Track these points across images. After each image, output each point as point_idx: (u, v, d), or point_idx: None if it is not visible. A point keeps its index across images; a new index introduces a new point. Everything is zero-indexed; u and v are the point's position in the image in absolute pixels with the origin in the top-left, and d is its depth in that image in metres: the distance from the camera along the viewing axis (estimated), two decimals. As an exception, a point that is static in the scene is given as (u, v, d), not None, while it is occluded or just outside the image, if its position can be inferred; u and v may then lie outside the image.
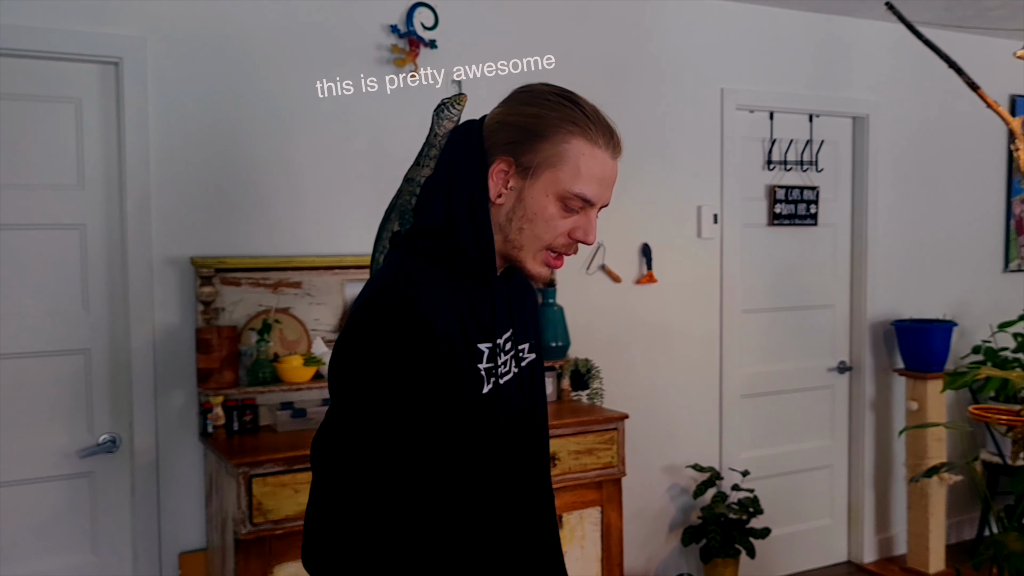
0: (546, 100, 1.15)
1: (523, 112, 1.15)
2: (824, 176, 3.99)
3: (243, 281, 2.76)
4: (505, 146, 1.14)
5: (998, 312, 4.23)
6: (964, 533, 4.38)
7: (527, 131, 1.14)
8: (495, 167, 1.15)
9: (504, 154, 1.14)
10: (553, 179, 1.14)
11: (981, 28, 3.96)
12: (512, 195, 1.15)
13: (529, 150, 1.13)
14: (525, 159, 1.14)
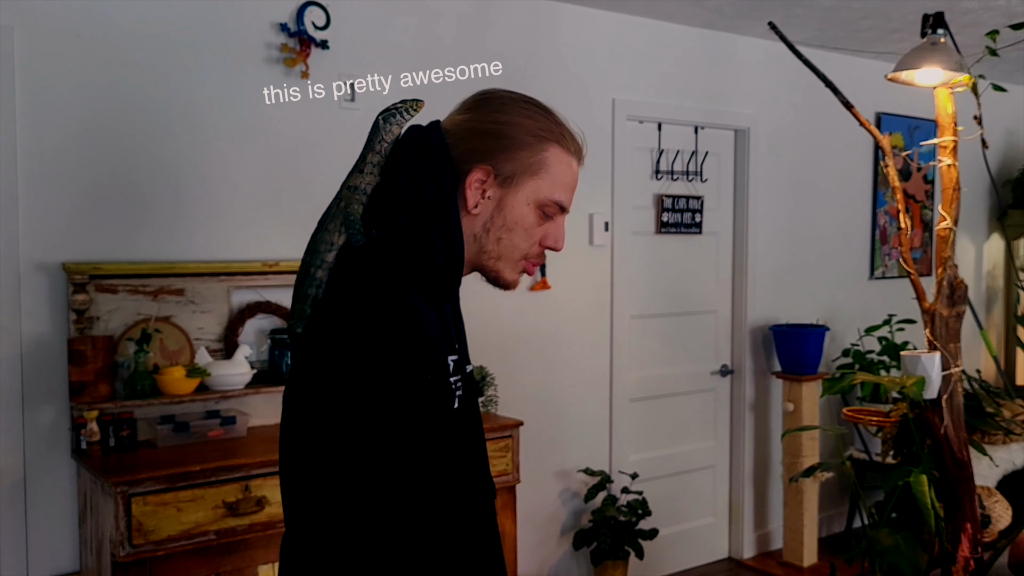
0: (519, 108, 1.14)
1: (497, 120, 1.13)
2: (708, 186, 4.12)
3: (120, 288, 2.61)
4: (481, 154, 1.11)
5: (865, 317, 4.49)
6: (834, 527, 4.62)
7: (505, 139, 1.12)
8: (472, 176, 1.11)
9: (480, 162, 1.11)
10: (534, 188, 1.13)
11: (851, 49, 4.19)
12: (490, 204, 1.12)
13: (508, 159, 1.11)
14: (505, 168, 1.12)
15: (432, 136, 1.12)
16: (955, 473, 2.24)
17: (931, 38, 2.40)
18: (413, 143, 1.13)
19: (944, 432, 2.26)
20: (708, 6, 3.57)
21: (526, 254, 1.16)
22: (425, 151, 1.11)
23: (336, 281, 1.10)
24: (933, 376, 2.26)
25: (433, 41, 3.24)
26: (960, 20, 3.63)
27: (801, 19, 3.72)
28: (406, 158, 1.11)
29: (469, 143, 1.12)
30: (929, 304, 2.41)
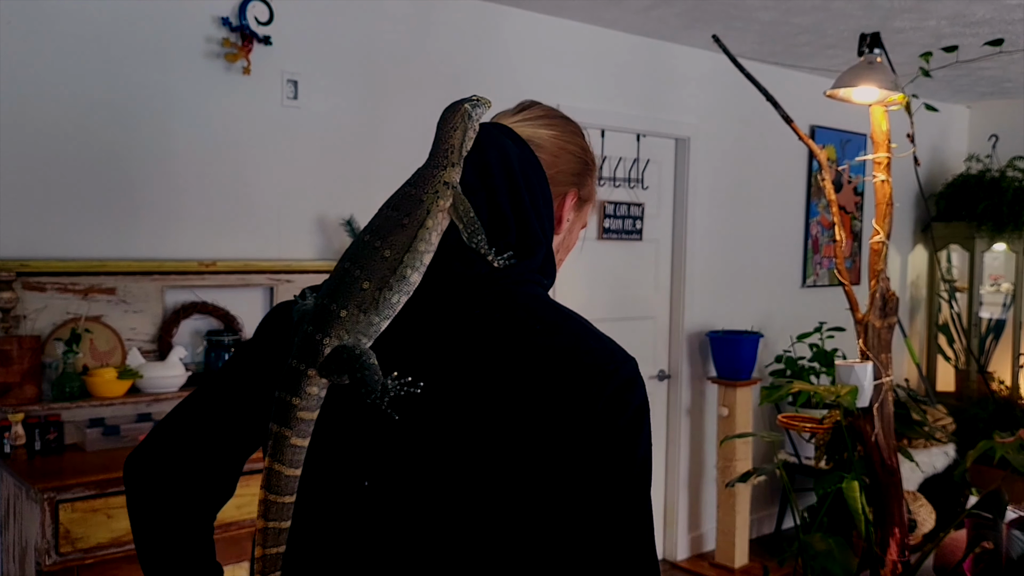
0: (583, 132, 1.14)
1: (581, 145, 1.12)
2: (649, 193, 4.18)
3: (49, 286, 2.51)
4: (574, 177, 1.10)
5: (797, 324, 4.61)
6: (764, 528, 4.73)
7: (586, 164, 1.11)
8: (569, 198, 1.09)
9: (573, 186, 1.10)
10: (587, 214, 1.15)
11: (788, 64, 4.30)
12: (565, 227, 1.11)
13: (585, 184, 1.12)
14: (584, 192, 1.12)
15: (527, 150, 1.05)
16: (885, 479, 2.32)
17: (868, 57, 2.48)
18: (516, 152, 1.03)
19: (875, 439, 2.33)
20: (652, 16, 3.62)
21: None
22: (530, 165, 1.03)
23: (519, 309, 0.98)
24: (866, 385, 2.33)
25: (376, 41, 3.20)
26: (893, 39, 3.75)
27: (741, 32, 3.80)
28: (516, 166, 1.02)
29: (562, 164, 1.08)
30: (862, 315, 2.48)
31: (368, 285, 0.95)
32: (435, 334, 0.97)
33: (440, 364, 0.95)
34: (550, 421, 0.91)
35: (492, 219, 0.99)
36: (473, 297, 0.97)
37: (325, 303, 0.96)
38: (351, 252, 0.98)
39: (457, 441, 0.93)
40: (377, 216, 0.98)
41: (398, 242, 0.95)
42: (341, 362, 0.94)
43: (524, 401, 0.92)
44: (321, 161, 3.05)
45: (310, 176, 3.02)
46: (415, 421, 0.94)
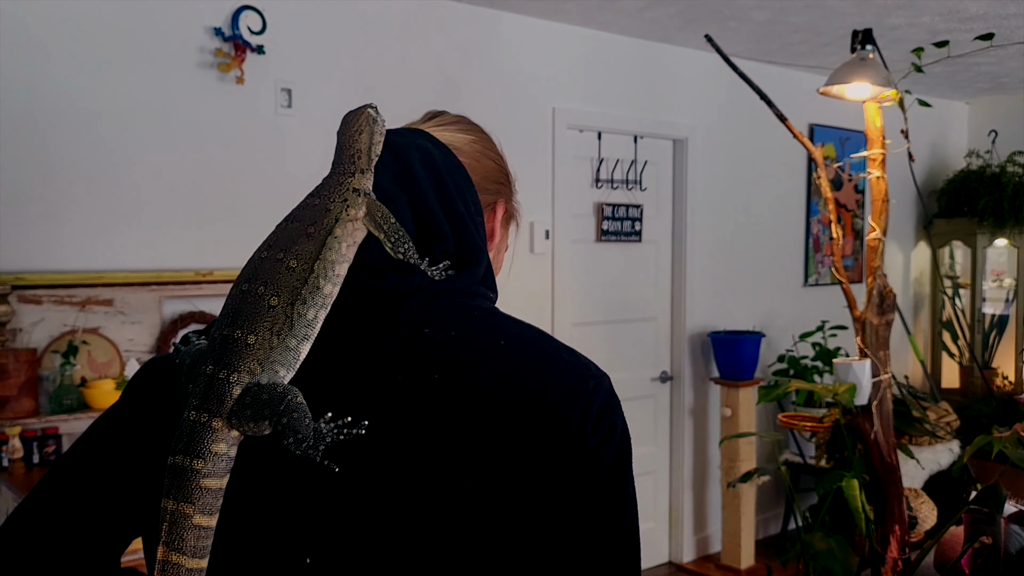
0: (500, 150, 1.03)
1: (498, 153, 1.00)
2: (648, 195, 4.17)
3: (45, 299, 2.52)
4: (496, 185, 0.98)
5: (800, 323, 4.59)
6: (770, 529, 4.71)
7: (507, 176, 1.00)
8: (499, 208, 0.98)
9: (498, 195, 0.98)
10: (510, 236, 1.04)
11: (784, 62, 4.29)
12: (495, 244, 0.99)
13: (510, 198, 1.00)
14: (510, 207, 1.00)
15: (452, 153, 0.93)
16: (884, 477, 2.30)
17: (860, 54, 2.47)
18: (439, 151, 0.91)
19: (874, 437, 2.32)
20: (646, 17, 3.62)
21: None
22: (459, 169, 0.92)
23: (473, 325, 0.85)
24: (864, 383, 2.32)
25: (371, 48, 3.21)
26: (887, 36, 3.75)
27: (736, 32, 3.79)
28: (440, 168, 0.90)
29: (485, 171, 0.97)
30: (860, 312, 2.47)
31: (277, 301, 0.78)
32: (373, 361, 0.80)
33: (385, 397, 0.78)
34: (532, 451, 0.78)
35: (421, 226, 0.85)
36: (416, 314, 0.81)
37: (225, 333, 0.77)
38: (247, 273, 0.81)
39: (418, 492, 0.76)
40: (274, 232, 0.83)
41: (304, 252, 0.80)
42: (259, 404, 0.74)
43: (499, 431, 0.77)
44: (316, 168, 3.03)
45: (306, 183, 2.99)
46: (360, 472, 0.77)
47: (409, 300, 0.81)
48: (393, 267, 0.82)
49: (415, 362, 0.79)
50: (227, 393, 0.75)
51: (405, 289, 0.81)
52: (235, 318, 0.78)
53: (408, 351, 0.80)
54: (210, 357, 0.77)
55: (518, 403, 0.79)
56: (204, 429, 0.75)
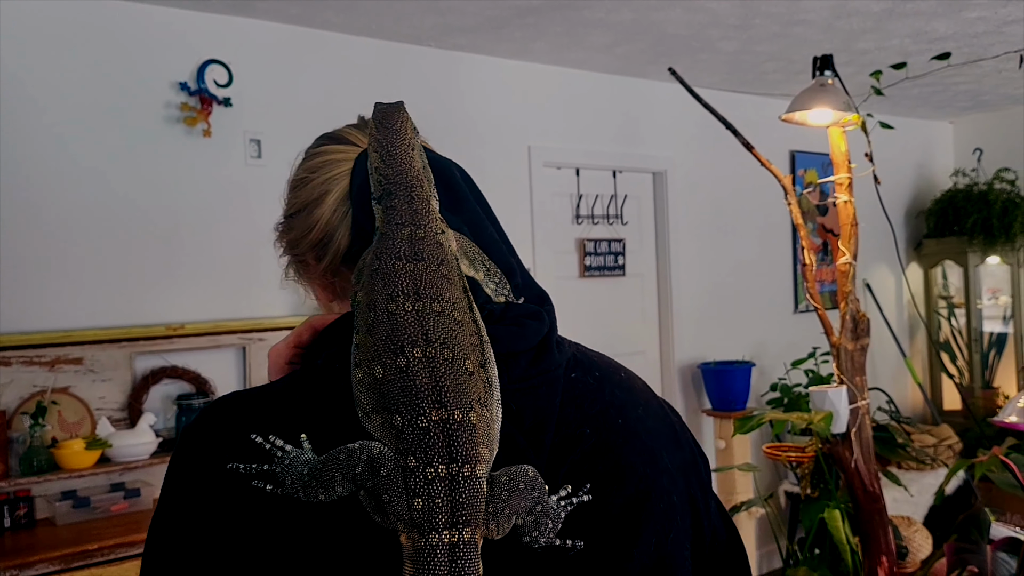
0: None
1: None
2: (629, 228, 4.16)
3: (14, 360, 2.50)
4: None
5: (791, 351, 4.54)
6: (774, 562, 4.61)
7: None
8: None
9: None
10: None
11: (760, 92, 4.30)
12: None
13: None
14: None
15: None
16: (867, 506, 2.25)
17: (820, 80, 2.47)
18: (464, 176, 0.83)
19: (854, 465, 2.26)
20: (616, 53, 3.64)
21: None
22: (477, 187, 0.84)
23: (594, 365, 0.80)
24: (841, 410, 2.27)
25: (340, 94, 3.23)
26: (858, 61, 3.75)
27: (708, 64, 3.81)
28: (476, 189, 0.82)
29: None
30: (836, 339, 2.44)
31: (472, 365, 0.64)
32: (553, 417, 0.70)
33: (583, 453, 0.70)
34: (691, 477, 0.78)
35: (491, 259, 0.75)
36: (559, 360, 0.73)
37: (439, 418, 0.62)
38: (410, 336, 0.64)
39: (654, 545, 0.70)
40: (396, 276, 0.67)
41: (456, 299, 0.67)
42: (516, 496, 0.62)
43: (674, 467, 0.76)
44: (289, 218, 3.04)
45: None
46: (595, 543, 0.67)
47: (548, 346, 0.72)
48: (515, 310, 0.73)
49: (591, 411, 0.73)
50: (479, 492, 0.61)
51: (542, 334, 0.72)
52: (440, 397, 0.62)
53: (577, 400, 0.73)
54: (429, 454, 0.61)
55: (670, 432, 0.79)
56: (469, 547, 0.60)
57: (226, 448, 0.66)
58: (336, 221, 0.77)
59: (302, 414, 0.67)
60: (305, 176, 0.80)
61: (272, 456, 0.64)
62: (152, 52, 2.80)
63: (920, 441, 4.23)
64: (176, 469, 0.69)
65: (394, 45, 3.36)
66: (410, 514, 0.60)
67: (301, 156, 0.85)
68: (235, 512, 0.64)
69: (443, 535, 0.59)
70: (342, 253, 0.77)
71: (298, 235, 0.79)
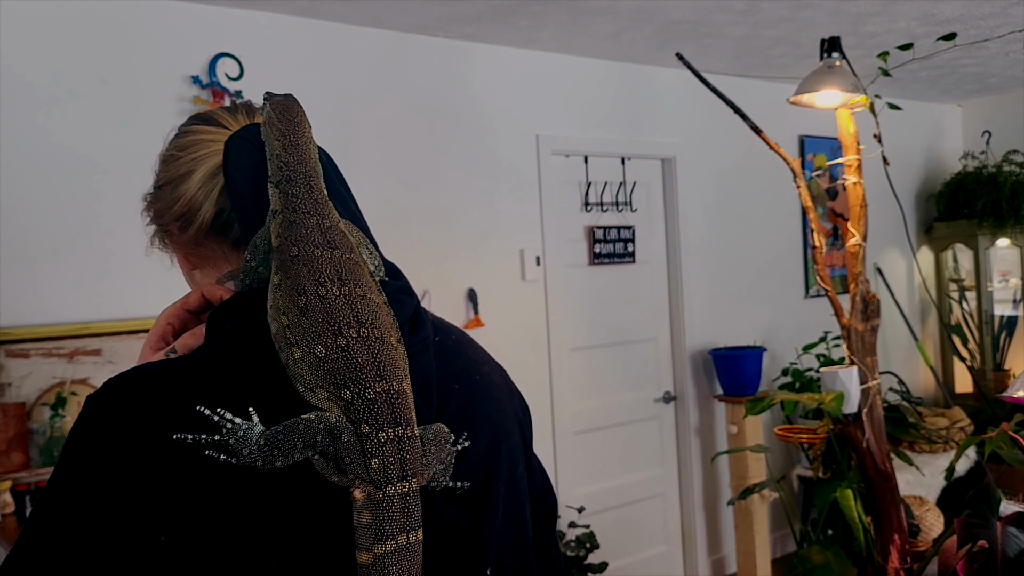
0: None
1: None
2: (639, 215, 4.17)
3: (33, 353, 2.54)
4: None
5: (803, 335, 4.55)
6: (788, 546, 4.63)
7: None
8: None
9: None
10: None
11: (768, 76, 4.30)
12: None
13: None
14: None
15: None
16: (879, 485, 2.26)
17: (827, 62, 2.47)
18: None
19: (866, 445, 2.28)
20: (622, 40, 3.64)
21: None
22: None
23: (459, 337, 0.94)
24: (852, 391, 2.29)
25: (349, 87, 3.25)
26: (866, 44, 3.75)
27: (715, 49, 3.81)
28: (340, 176, 0.94)
29: None
30: (846, 320, 2.45)
31: (394, 340, 0.75)
32: (429, 377, 0.81)
33: (452, 404, 0.83)
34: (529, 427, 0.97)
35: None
36: (424, 326, 0.84)
37: (382, 389, 0.71)
38: (345, 319, 0.73)
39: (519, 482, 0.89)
40: (322, 263, 0.75)
41: (368, 282, 0.77)
42: (438, 449, 0.75)
43: (524, 415, 0.96)
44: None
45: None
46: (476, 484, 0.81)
47: (420, 316, 0.83)
48: (390, 286, 0.82)
49: (456, 369, 0.85)
50: (418, 449, 0.72)
51: (414, 306, 0.83)
52: (379, 371, 0.71)
53: (445, 361, 0.84)
54: (379, 420, 0.70)
55: (508, 386, 0.94)
56: (415, 495, 0.71)
57: (164, 419, 0.70)
58: (201, 197, 0.85)
59: (237, 387, 0.73)
60: (174, 153, 0.88)
61: (220, 428, 0.69)
62: (164, 46, 2.83)
63: (932, 423, 4.24)
64: (95, 437, 0.71)
65: (401, 35, 3.37)
66: (368, 472, 0.69)
67: (174, 132, 0.92)
68: (177, 481, 0.69)
69: (397, 487, 0.70)
70: (206, 226, 0.85)
71: (164, 206, 0.88)
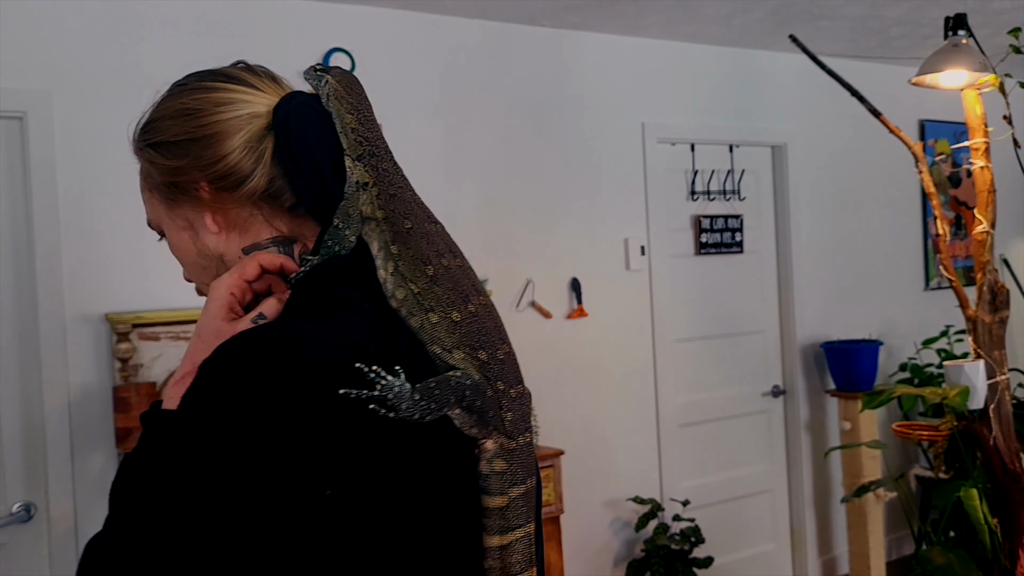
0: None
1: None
2: (747, 204, 4.07)
3: (163, 336, 2.69)
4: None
5: (922, 329, 4.34)
6: (904, 549, 4.44)
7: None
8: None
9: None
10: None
11: (886, 58, 4.11)
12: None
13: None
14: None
15: None
16: (1008, 485, 2.14)
17: (953, 40, 2.35)
18: None
19: (993, 443, 2.16)
20: (733, 24, 3.56)
21: None
22: None
23: None
24: (978, 385, 2.17)
25: (456, 78, 3.29)
26: (995, 22, 3.54)
27: (829, 31, 3.67)
28: None
29: None
30: (972, 311, 2.33)
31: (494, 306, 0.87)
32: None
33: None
34: None
35: None
36: None
37: (501, 352, 0.80)
38: (464, 290, 0.80)
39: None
40: (432, 235, 0.83)
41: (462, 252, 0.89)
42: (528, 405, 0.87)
43: None
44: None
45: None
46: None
47: None
48: None
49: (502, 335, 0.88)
50: (530, 405, 0.83)
51: None
52: (500, 334, 0.81)
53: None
54: (508, 379, 0.79)
55: None
56: (532, 447, 0.81)
57: (326, 376, 0.71)
58: (251, 161, 0.83)
59: (376, 346, 0.75)
60: (203, 107, 0.85)
61: (375, 384, 0.71)
62: (281, 42, 2.93)
63: (1066, 424, 3.98)
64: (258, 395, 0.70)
65: (507, 26, 3.40)
66: (504, 425, 0.78)
67: (188, 84, 0.89)
68: (342, 436, 0.71)
69: (524, 437, 0.79)
70: (260, 190, 0.84)
71: (193, 163, 0.84)
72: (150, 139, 0.88)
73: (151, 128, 0.88)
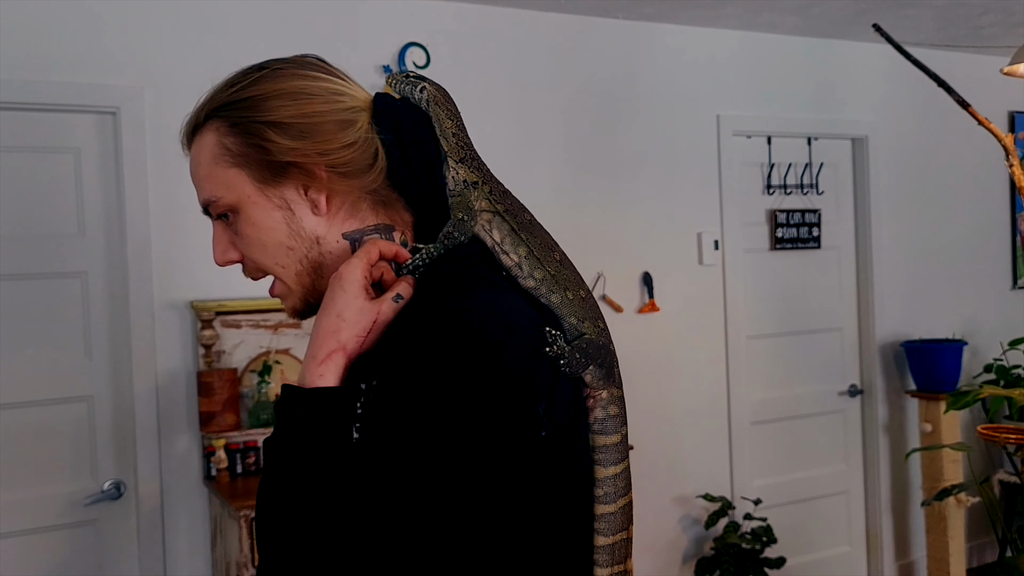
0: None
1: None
2: (825, 198, 3.98)
3: (243, 323, 2.78)
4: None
5: (1009, 329, 4.17)
6: (986, 556, 4.29)
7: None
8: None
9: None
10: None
11: (975, 47, 3.97)
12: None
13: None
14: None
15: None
16: (1102, 492, 2.05)
17: (1049, 25, 2.25)
18: None
19: (1087, 447, 2.07)
20: (811, 14, 3.48)
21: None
22: None
23: None
24: (1071, 386, 2.08)
25: (528, 70, 3.30)
26: (1094, 5, 3.38)
27: (915, 20, 3.56)
28: None
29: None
30: (1065, 309, 2.23)
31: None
32: None
33: None
34: None
35: None
36: None
37: (601, 326, 0.93)
38: (575, 279, 0.93)
39: None
40: (540, 231, 0.94)
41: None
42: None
43: None
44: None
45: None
46: None
47: None
48: None
49: None
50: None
51: None
52: (599, 310, 0.95)
53: None
54: (613, 344, 0.94)
55: None
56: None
57: (533, 338, 0.84)
58: (374, 148, 0.89)
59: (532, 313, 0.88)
60: (322, 94, 0.88)
61: (554, 344, 0.86)
62: (359, 38, 2.99)
63: None
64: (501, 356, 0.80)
65: (581, 19, 3.39)
66: (616, 378, 0.94)
67: (284, 69, 0.90)
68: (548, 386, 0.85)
69: (623, 389, 0.95)
70: (383, 176, 0.90)
71: (313, 146, 0.86)
72: (261, 117, 0.87)
73: (260, 106, 0.88)
